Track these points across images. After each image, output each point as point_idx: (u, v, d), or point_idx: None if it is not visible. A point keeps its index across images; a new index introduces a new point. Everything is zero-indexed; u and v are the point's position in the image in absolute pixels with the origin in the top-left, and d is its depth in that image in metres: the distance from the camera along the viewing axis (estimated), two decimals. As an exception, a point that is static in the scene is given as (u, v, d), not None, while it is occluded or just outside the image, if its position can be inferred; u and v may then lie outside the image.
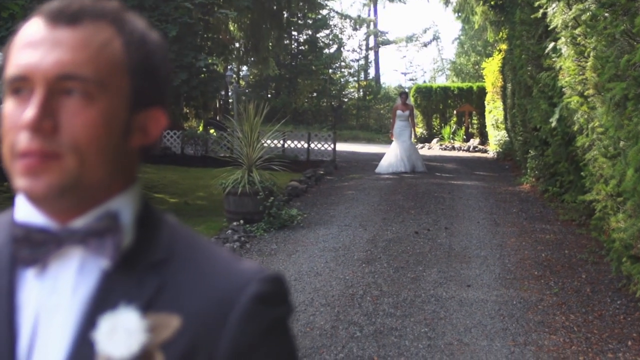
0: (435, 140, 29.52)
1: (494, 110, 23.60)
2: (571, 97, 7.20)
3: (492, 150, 24.05)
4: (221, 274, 1.08)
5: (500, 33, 21.40)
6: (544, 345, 5.80)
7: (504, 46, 20.99)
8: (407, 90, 22.28)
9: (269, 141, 13.80)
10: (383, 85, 45.58)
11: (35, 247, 1.07)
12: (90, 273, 1.07)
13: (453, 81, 40.90)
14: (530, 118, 11.98)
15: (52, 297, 1.06)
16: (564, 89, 7.78)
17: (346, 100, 42.79)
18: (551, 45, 8.39)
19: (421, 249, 9.15)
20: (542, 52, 9.63)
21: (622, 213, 5.51)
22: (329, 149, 20.15)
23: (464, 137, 28.93)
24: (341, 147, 22.33)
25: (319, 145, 20.50)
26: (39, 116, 1.01)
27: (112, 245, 1.06)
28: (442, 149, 27.90)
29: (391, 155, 17.82)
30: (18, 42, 1.07)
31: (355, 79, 44.96)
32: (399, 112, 17.87)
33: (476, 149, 26.93)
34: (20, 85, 1.04)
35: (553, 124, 8.93)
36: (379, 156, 19.46)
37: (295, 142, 20.53)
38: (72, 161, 1.02)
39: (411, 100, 19.03)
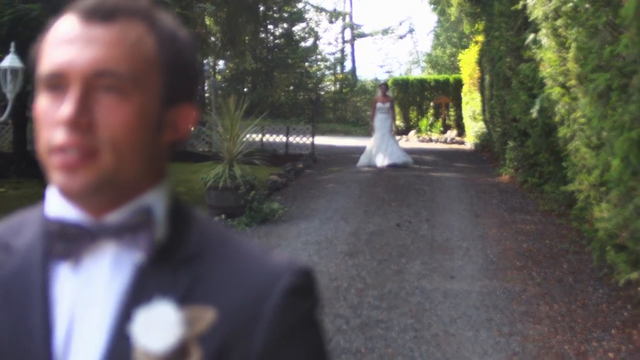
0: (412, 132, 29.62)
1: (471, 102, 23.72)
2: (552, 88, 7.25)
3: (469, 142, 24.18)
4: (253, 267, 1.10)
5: (477, 25, 21.50)
6: (529, 335, 5.85)
7: (480, 38, 21.10)
8: (385, 82, 21.94)
9: (247, 135, 13.79)
10: (359, 78, 45.63)
11: (69, 242, 1.08)
12: (124, 267, 1.08)
13: (429, 73, 41.04)
14: (510, 109, 12.06)
15: (87, 292, 1.07)
16: (544, 80, 7.84)
17: (323, 93, 42.81)
18: (531, 36, 8.45)
19: (403, 241, 9.19)
20: (522, 44, 9.69)
21: (605, 203, 5.56)
22: (308, 142, 20.15)
23: (441, 129, 29.07)
24: (319, 140, 22.33)
25: (298, 139, 20.50)
26: (76, 112, 1.02)
27: (146, 239, 1.07)
28: (419, 141, 28.01)
29: (372, 149, 17.48)
30: (52, 38, 1.08)
31: (332, 72, 44.99)
32: (378, 104, 17.59)
33: (454, 140, 27.07)
34: (56, 82, 1.05)
35: (534, 115, 8.99)
36: (358, 149, 19.51)
37: (274, 136, 20.52)
38: (108, 157, 1.04)
39: (391, 92, 18.69)
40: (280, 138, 20.42)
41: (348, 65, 46.67)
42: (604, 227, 5.54)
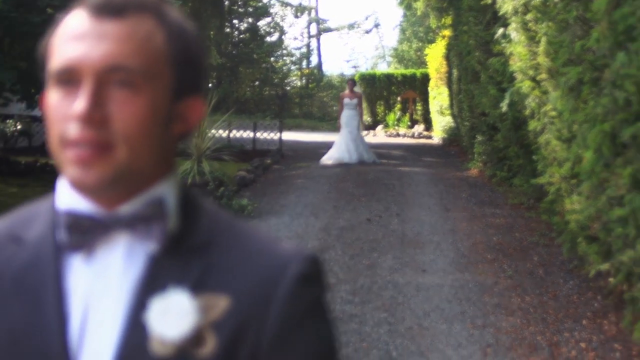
0: (379, 127, 29.74)
1: (438, 97, 23.89)
2: (522, 82, 7.36)
3: (437, 136, 24.34)
4: (263, 255, 1.13)
5: (443, 19, 21.63)
6: (502, 327, 5.94)
7: (447, 32, 21.23)
8: (353, 77, 21.70)
9: (213, 131, 13.77)
10: (326, 73, 45.70)
11: (82, 234, 1.10)
12: (138, 257, 1.11)
13: (396, 68, 41.22)
14: (478, 103, 12.17)
15: (101, 282, 1.10)
16: (514, 74, 7.94)
17: (289, 88, 42.80)
18: (501, 31, 8.55)
19: (374, 236, 9.26)
20: (491, 38, 9.80)
21: (577, 195, 5.67)
22: (275, 137, 20.15)
23: (409, 123, 29.22)
24: (286, 135, 22.33)
25: (265, 134, 20.49)
26: (90, 108, 1.04)
27: (159, 230, 1.10)
28: (387, 136, 28.13)
29: (338, 146, 17.15)
30: (62, 34, 1.10)
31: (298, 67, 45.00)
32: (346, 99, 17.34)
33: (421, 135, 27.23)
34: (68, 77, 1.07)
35: (503, 109, 9.10)
36: (325, 144, 19.52)
37: (241, 132, 20.48)
38: (123, 151, 1.06)
39: (359, 88, 18.52)
40: (248, 134, 20.38)
41: (314, 60, 46.75)
42: (576, 219, 5.65)
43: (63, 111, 1.07)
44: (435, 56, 24.49)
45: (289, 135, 24.17)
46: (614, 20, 4.30)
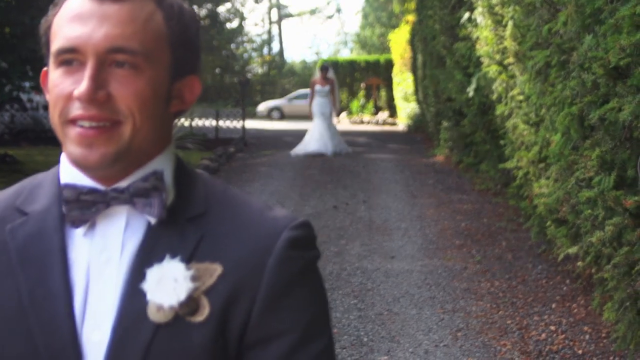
0: (343, 114, 29.83)
1: (403, 83, 24.00)
2: (489, 66, 7.46)
3: (402, 123, 24.48)
4: (256, 222, 1.20)
5: (406, 4, 21.72)
6: (472, 311, 6.05)
7: (411, 17, 21.33)
8: (326, 64, 20.41)
9: (176, 119, 13.72)
10: (287, 60, 45.65)
11: (85, 208, 1.16)
12: (137, 230, 1.17)
13: (359, 54, 41.32)
14: (444, 89, 12.28)
15: (103, 254, 1.16)
16: (481, 59, 8.05)
17: (251, 75, 42.71)
18: (466, 15, 8.64)
19: (342, 223, 9.33)
20: (457, 23, 9.89)
21: (545, 179, 5.78)
22: (238, 126, 20.11)
23: (373, 110, 29.34)
24: (249, 124, 22.33)
25: (227, 123, 20.45)
26: (93, 88, 1.10)
27: (158, 202, 1.16)
28: (351, 122, 28.24)
29: (311, 135, 16.43)
30: (64, 15, 1.15)
31: (259, 53, 44.90)
32: (317, 87, 16.57)
33: (386, 122, 27.37)
34: (71, 57, 1.12)
35: (470, 94, 9.21)
36: (288, 132, 19.53)
37: (203, 120, 20.41)
38: (126, 128, 1.13)
39: (332, 74, 17.33)
40: (210, 122, 20.32)
41: (276, 47, 46.70)
42: (544, 203, 5.76)
43: (66, 90, 1.12)
44: (398, 42, 24.59)
45: (251, 124, 24.17)
46: (581, 3, 4.40)
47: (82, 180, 1.17)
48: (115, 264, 1.16)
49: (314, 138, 16.32)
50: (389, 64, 28.88)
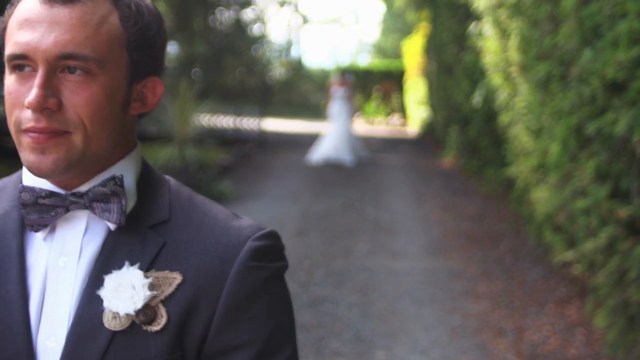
0: (358, 116, 29.76)
1: (415, 89, 23.91)
2: (494, 75, 7.37)
3: (413, 127, 24.39)
4: (220, 232, 1.12)
5: (421, 13, 21.61)
6: (470, 311, 5.97)
7: (425, 25, 21.22)
8: (345, 69, 18.84)
9: (197, 118, 13.70)
10: (307, 65, 45.63)
11: (44, 212, 1.09)
12: (96, 235, 1.10)
13: (375, 60, 41.24)
14: (452, 96, 12.20)
15: (60, 258, 1.10)
16: (486, 68, 7.96)
17: (271, 78, 42.69)
18: (474, 26, 8.55)
19: (350, 222, 9.26)
20: (465, 33, 9.80)
21: (544, 186, 5.69)
22: (257, 126, 20.07)
23: (386, 114, 29.25)
24: (267, 124, 22.29)
25: (247, 122, 20.41)
26: (42, 96, 1.02)
27: (117, 208, 1.09)
28: (364, 124, 28.14)
29: (327, 144, 14.88)
30: (16, 18, 1.07)
31: (280, 58, 44.87)
32: (334, 88, 15.36)
33: (397, 125, 27.28)
34: (22, 63, 1.05)
35: (475, 102, 9.12)
36: (305, 135, 19.43)
37: (223, 119, 20.38)
38: (77, 137, 1.05)
39: (350, 77, 16.13)
40: (230, 121, 20.28)
41: (296, 52, 46.63)
42: (542, 209, 5.67)
43: (18, 97, 1.05)
44: (413, 49, 24.49)
45: (270, 124, 24.12)
46: (581, 17, 4.31)
47: (42, 184, 1.11)
48: (72, 269, 1.09)
49: (332, 145, 14.88)
50: (403, 70, 28.79)
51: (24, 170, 1.15)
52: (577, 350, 5.19)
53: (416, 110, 23.65)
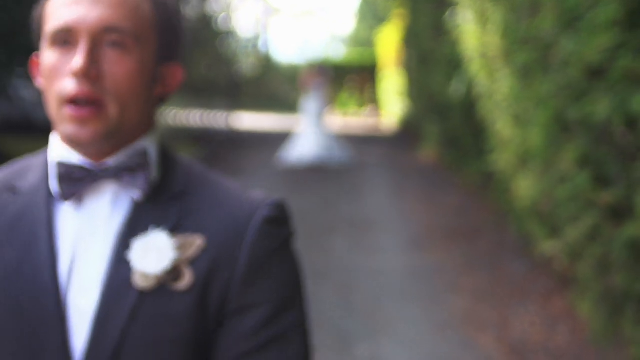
0: (331, 108, 29.82)
1: (391, 79, 24.04)
2: (474, 63, 7.52)
3: (389, 119, 24.53)
4: (233, 202, 1.29)
5: (396, 1, 21.70)
6: (453, 306, 6.11)
7: (401, 14, 21.33)
8: (321, 63, 17.81)
9: (165, 114, 13.73)
10: (277, 59, 45.64)
11: (73, 184, 1.24)
12: (122, 204, 1.26)
13: (349, 51, 41.35)
14: (429, 85, 12.34)
15: (89, 226, 1.25)
16: (466, 56, 8.10)
17: (240, 73, 42.66)
18: (452, 12, 8.69)
19: (327, 219, 9.38)
20: (442, 20, 9.95)
21: (525, 174, 5.84)
22: (227, 121, 20.13)
23: (361, 106, 29.39)
24: (238, 120, 22.37)
25: (216, 118, 20.46)
26: (87, 64, 1.18)
27: (142, 179, 1.25)
28: (337, 116, 28.24)
29: (302, 140, 14.36)
30: (58, 1, 1.23)
31: (249, 52, 44.85)
32: (310, 82, 15.05)
33: (372, 118, 27.41)
34: (65, 38, 1.21)
35: (454, 90, 9.27)
36: (276, 131, 19.46)
37: (189, 115, 20.38)
38: (113, 109, 1.21)
39: (324, 70, 15.77)
40: (197, 117, 20.30)
41: (265, 46, 46.62)
42: (524, 198, 5.82)
43: (61, 69, 1.21)
44: (389, 39, 24.61)
45: (238, 120, 24.17)
46: (560, 1, 4.46)
47: (72, 158, 1.26)
48: (101, 236, 1.24)
49: (309, 144, 14.22)
50: (379, 61, 28.92)
51: (51, 146, 1.30)
52: (562, 340, 5.35)
53: (393, 101, 23.78)
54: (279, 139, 17.81)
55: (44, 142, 1.40)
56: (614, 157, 4.00)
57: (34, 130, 14.43)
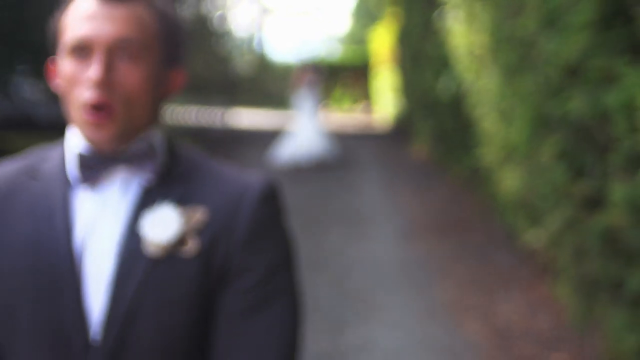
0: (325, 105, 29.93)
1: (385, 76, 24.15)
2: (461, 61, 7.71)
3: (381, 115, 24.66)
4: (232, 179, 1.50)
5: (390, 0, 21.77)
6: (441, 296, 6.29)
7: (396, 13, 21.44)
8: (314, 61, 16.96)
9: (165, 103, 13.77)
10: (272, 58, 45.67)
11: (92, 170, 1.45)
12: (133, 187, 1.46)
13: (344, 49, 41.44)
14: (420, 82, 12.51)
15: (103, 206, 1.45)
16: (454, 54, 8.30)
17: (236, 72, 42.70)
18: (440, 12, 8.88)
19: (322, 213, 9.55)
20: (432, 20, 10.13)
21: (510, 168, 6.04)
22: (222, 119, 20.26)
23: (357, 103, 29.50)
24: (232, 117, 22.50)
25: (212, 116, 20.60)
26: (104, 72, 1.39)
27: (150, 165, 1.46)
28: (331, 112, 28.34)
29: (295, 138, 13.99)
30: (75, 15, 1.44)
31: (244, 51, 44.89)
32: (303, 80, 14.73)
33: (365, 114, 27.52)
34: (82, 49, 1.41)
35: (443, 88, 9.45)
36: (270, 129, 19.57)
37: (189, 112, 20.53)
38: (125, 112, 1.42)
39: (317, 68, 15.52)
40: (194, 115, 20.44)
41: (261, 46, 46.64)
42: (508, 192, 6.02)
43: (79, 76, 1.41)
44: (383, 37, 24.72)
45: (235, 117, 24.29)
46: (543, 1, 4.65)
47: (87, 149, 1.46)
48: (114, 213, 1.44)
49: (302, 143, 13.84)
50: (372, 59, 29.02)
51: (69, 137, 1.51)
52: (543, 325, 5.55)
53: (387, 99, 23.89)
54: (274, 136, 17.90)
55: (42, 138, 1.62)
56: (590, 150, 4.20)
57: (34, 128, 14.62)
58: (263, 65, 42.61)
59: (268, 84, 41.10)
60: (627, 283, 3.76)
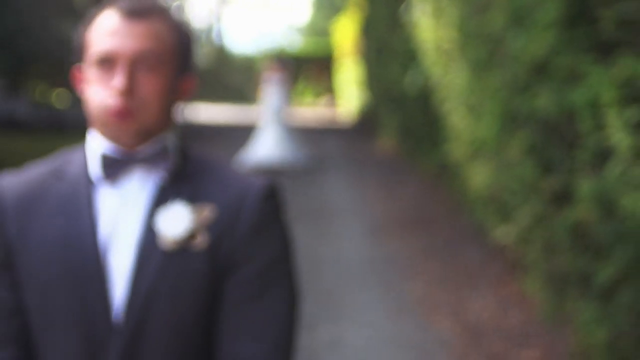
0: (289, 100, 29.95)
1: (348, 69, 24.26)
2: (429, 55, 7.89)
3: (346, 109, 24.77)
4: (236, 180, 1.71)
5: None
6: (410, 293, 6.44)
7: (359, 4, 21.57)
8: (279, 55, 16.63)
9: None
10: (231, 50, 45.61)
11: (111, 169, 1.66)
12: (149, 185, 1.67)
13: (305, 42, 41.49)
14: (386, 76, 12.66)
15: (123, 203, 1.66)
16: (421, 48, 8.47)
17: (195, 65, 42.50)
18: (407, 5, 9.05)
19: (289, 210, 9.63)
20: (398, 12, 10.29)
21: (478, 162, 6.23)
22: (182, 114, 20.22)
23: (320, 96, 29.58)
24: (192, 113, 22.47)
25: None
26: (127, 81, 1.60)
27: (164, 165, 1.67)
28: (295, 107, 28.39)
29: (261, 139, 13.69)
30: (99, 30, 1.66)
31: (203, 42, 44.75)
32: (268, 76, 14.46)
33: (330, 108, 27.62)
34: (106, 61, 1.62)
35: (410, 82, 9.62)
36: (232, 124, 19.55)
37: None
38: (143, 115, 1.63)
39: (283, 64, 15.23)
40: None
41: (220, 38, 46.53)
42: (477, 187, 6.21)
43: (104, 84, 1.62)
44: (347, 29, 24.81)
45: (195, 113, 24.27)
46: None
47: (110, 149, 1.66)
48: (133, 209, 1.65)
49: (268, 144, 13.58)
50: (336, 51, 29.12)
51: (90, 140, 1.71)
52: (514, 321, 5.72)
53: (351, 92, 24.01)
54: (236, 131, 17.94)
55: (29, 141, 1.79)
56: (558, 146, 4.40)
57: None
58: (222, 57, 42.55)
59: (228, 77, 41.04)
60: (596, 277, 3.95)
